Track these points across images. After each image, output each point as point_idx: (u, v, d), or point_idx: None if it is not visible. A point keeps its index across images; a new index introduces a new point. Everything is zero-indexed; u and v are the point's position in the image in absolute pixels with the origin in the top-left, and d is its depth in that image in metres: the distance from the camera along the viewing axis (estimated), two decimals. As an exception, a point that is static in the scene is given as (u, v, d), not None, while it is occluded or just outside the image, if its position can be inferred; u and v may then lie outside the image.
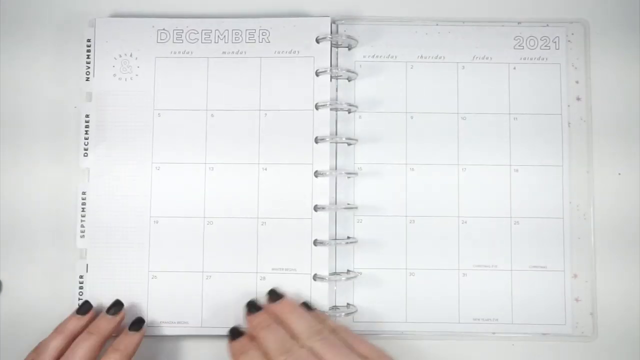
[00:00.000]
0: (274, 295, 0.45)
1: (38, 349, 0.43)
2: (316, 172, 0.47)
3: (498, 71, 0.49)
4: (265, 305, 0.45)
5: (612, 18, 0.50)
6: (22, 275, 0.48)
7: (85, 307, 0.46)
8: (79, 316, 0.45)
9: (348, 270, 0.48)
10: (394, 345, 0.47)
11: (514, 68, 0.49)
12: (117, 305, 0.46)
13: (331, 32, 0.48)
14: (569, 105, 0.49)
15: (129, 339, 0.45)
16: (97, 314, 0.46)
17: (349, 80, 0.49)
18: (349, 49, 0.49)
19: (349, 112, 0.49)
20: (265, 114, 0.47)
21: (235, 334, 0.43)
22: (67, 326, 0.45)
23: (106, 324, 0.45)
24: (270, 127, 0.47)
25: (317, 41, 0.48)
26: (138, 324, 0.46)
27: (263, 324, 0.43)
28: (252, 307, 0.45)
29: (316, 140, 0.47)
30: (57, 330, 0.44)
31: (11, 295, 0.48)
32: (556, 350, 0.47)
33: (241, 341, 0.43)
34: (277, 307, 0.44)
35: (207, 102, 0.48)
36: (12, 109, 0.49)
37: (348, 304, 0.47)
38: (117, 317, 0.45)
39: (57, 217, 0.48)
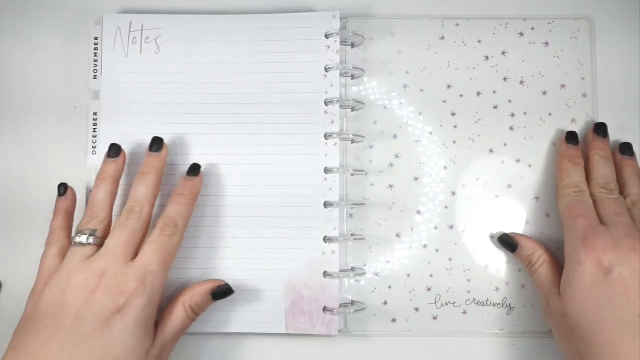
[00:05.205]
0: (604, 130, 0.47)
1: (89, 204, 0.43)
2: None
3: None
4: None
5: (618, 14, 0.49)
6: (23, 275, 0.47)
7: (115, 149, 0.44)
8: (112, 159, 0.44)
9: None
10: (396, 343, 0.47)
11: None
12: (158, 142, 0.45)
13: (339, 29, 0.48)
14: (575, 102, 0.49)
15: (191, 183, 0.44)
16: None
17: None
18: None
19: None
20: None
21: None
22: (107, 171, 0.44)
23: (155, 160, 0.44)
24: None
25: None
26: (195, 169, 0.45)
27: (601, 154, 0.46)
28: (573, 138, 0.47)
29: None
30: (99, 178, 0.43)
31: (11, 295, 0.48)
32: (554, 353, 0.47)
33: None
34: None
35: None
36: (18, 107, 0.49)
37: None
38: (162, 153, 0.44)
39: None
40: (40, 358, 0.37)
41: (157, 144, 0.45)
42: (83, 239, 0.41)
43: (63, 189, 0.45)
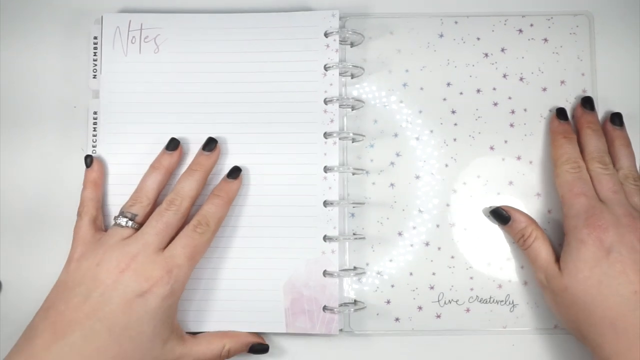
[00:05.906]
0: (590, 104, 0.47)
1: (137, 189, 0.45)
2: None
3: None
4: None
5: (617, 10, 0.49)
6: (23, 275, 0.48)
7: (174, 143, 0.46)
8: (169, 152, 0.46)
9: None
10: (400, 342, 0.47)
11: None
12: (212, 143, 0.46)
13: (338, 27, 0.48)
14: (575, 98, 0.48)
15: (228, 186, 0.45)
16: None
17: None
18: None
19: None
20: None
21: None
22: (161, 162, 0.46)
23: (206, 160, 0.46)
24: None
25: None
26: (235, 172, 0.46)
27: (592, 127, 0.46)
28: (562, 114, 0.47)
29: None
30: (152, 166, 0.46)
31: (11, 295, 0.48)
32: (557, 349, 0.47)
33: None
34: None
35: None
36: (18, 107, 0.50)
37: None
38: (214, 153, 0.46)
39: (64, 216, 0.48)
40: (67, 321, 0.39)
41: (210, 144, 0.46)
42: (123, 221, 0.43)
43: (89, 160, 0.47)
